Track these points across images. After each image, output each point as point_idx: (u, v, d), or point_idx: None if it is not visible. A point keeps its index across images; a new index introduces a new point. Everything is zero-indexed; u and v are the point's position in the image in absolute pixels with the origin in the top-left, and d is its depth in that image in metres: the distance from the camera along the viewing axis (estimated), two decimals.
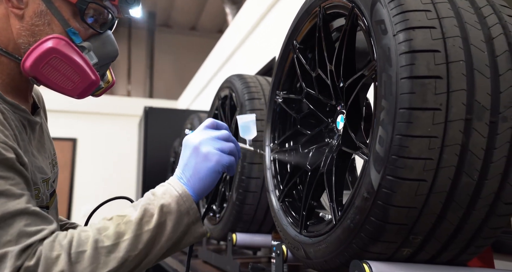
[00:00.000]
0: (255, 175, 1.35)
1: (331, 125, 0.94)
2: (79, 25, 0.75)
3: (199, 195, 0.69)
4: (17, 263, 0.55)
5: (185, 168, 0.69)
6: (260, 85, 1.48)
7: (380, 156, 0.63)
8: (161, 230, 0.64)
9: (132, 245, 0.62)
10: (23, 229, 0.58)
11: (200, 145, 0.69)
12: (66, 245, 0.59)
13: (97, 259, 0.59)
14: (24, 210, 0.59)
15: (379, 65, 0.65)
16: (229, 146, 0.71)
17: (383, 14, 0.64)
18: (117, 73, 9.60)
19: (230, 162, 0.71)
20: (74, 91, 0.74)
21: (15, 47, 0.73)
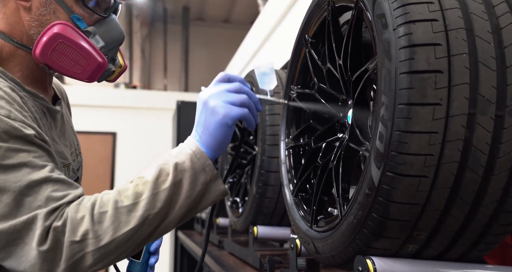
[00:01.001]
0: (274, 169, 1.36)
1: (343, 120, 0.94)
2: (83, 11, 0.76)
3: (214, 151, 0.68)
4: (46, 223, 0.60)
5: (197, 125, 0.69)
6: (280, 79, 1.48)
7: (380, 152, 0.62)
8: (178, 188, 0.65)
9: (151, 204, 0.64)
10: (50, 194, 0.62)
11: (208, 99, 0.68)
12: (89, 207, 0.63)
13: (118, 219, 0.62)
14: (48, 178, 0.63)
15: (379, 60, 0.64)
16: (239, 98, 0.69)
17: (384, 8, 0.63)
18: (154, 68, 9.88)
19: (242, 114, 0.68)
20: (83, 74, 0.76)
21: (28, 39, 0.76)
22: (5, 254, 0.61)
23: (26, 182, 0.61)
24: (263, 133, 1.38)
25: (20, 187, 0.60)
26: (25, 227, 0.60)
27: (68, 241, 0.61)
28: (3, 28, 0.76)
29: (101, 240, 0.62)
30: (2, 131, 0.62)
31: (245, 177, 1.69)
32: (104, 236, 0.62)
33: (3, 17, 0.77)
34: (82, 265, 0.62)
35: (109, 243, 0.62)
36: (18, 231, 0.60)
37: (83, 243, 0.61)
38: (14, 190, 0.60)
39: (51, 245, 0.60)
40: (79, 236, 0.61)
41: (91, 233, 0.61)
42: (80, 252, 0.61)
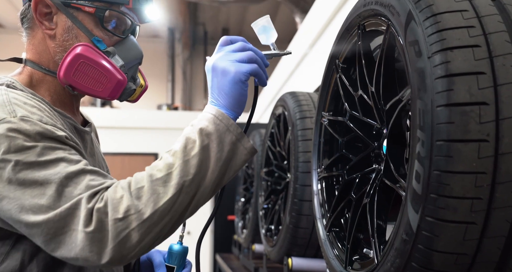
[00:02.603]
0: (307, 198, 1.29)
1: (378, 150, 0.87)
2: (103, 33, 0.80)
3: (233, 110, 0.69)
4: (89, 206, 0.62)
5: (212, 91, 0.70)
6: (313, 103, 1.43)
7: (417, 193, 0.55)
8: (207, 152, 0.66)
9: (184, 171, 0.65)
10: (89, 183, 0.65)
11: (216, 63, 0.70)
12: (126, 186, 0.65)
13: (155, 191, 0.64)
14: (85, 169, 0.66)
15: (413, 91, 0.57)
16: (246, 55, 0.70)
17: (418, 34, 0.57)
18: (195, 89, 10.15)
19: (252, 69, 0.69)
20: (104, 92, 0.79)
21: (54, 65, 0.81)
22: (56, 244, 0.63)
23: (65, 173, 0.64)
24: (296, 159, 1.33)
25: (60, 179, 0.63)
26: (70, 213, 0.62)
27: (112, 219, 0.62)
28: (32, 57, 0.82)
29: (143, 214, 0.63)
30: (36, 133, 0.65)
31: (280, 203, 1.64)
32: (146, 210, 0.63)
33: (32, 47, 0.82)
34: (129, 243, 0.63)
35: (152, 215, 0.63)
36: (64, 218, 0.62)
37: (127, 220, 0.62)
38: (55, 182, 0.63)
39: (96, 225, 0.62)
40: (122, 213, 0.62)
41: (133, 209, 0.63)
42: (126, 229, 0.62)
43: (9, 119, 0.65)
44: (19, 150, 0.63)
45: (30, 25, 0.82)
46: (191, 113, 7.61)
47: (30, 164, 0.63)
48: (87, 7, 0.78)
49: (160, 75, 9.23)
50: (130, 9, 0.83)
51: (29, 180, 0.63)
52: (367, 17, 0.78)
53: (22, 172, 0.63)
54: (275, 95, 4.46)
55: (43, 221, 0.62)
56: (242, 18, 9.32)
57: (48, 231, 0.62)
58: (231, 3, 6.61)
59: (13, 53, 0.89)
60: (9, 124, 0.64)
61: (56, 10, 0.79)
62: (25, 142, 0.64)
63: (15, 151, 0.63)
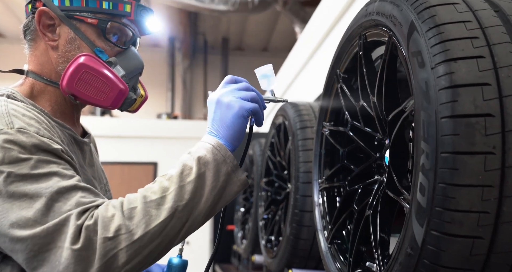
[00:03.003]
0: (309, 208, 1.28)
1: (380, 161, 0.86)
2: (105, 44, 0.82)
3: (232, 143, 0.71)
4: (78, 222, 0.61)
5: (213, 122, 0.72)
6: (314, 113, 1.42)
7: (422, 206, 0.54)
8: (203, 180, 0.67)
9: (178, 196, 0.65)
10: (79, 200, 0.64)
11: (221, 97, 0.72)
12: (118, 205, 0.64)
13: (148, 212, 0.63)
14: (77, 186, 0.65)
15: (417, 102, 0.57)
16: (250, 94, 0.73)
17: (420, 44, 0.57)
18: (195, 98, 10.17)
19: (254, 108, 0.72)
20: (106, 101, 0.80)
21: (56, 75, 0.82)
22: (38, 262, 0.60)
23: (57, 188, 0.63)
24: (297, 170, 1.32)
25: (51, 193, 0.62)
26: (58, 229, 0.61)
27: (101, 238, 0.61)
28: (34, 68, 0.83)
29: (134, 234, 0.62)
30: (32, 145, 0.65)
31: (280, 214, 1.62)
32: (137, 230, 0.62)
33: (34, 59, 0.83)
34: (116, 264, 0.61)
35: (142, 236, 0.62)
36: (50, 234, 0.60)
37: (117, 239, 0.61)
38: (46, 196, 0.62)
39: (84, 243, 0.60)
40: (112, 232, 0.61)
41: (124, 228, 0.61)
42: (114, 249, 0.61)
43: (6, 131, 0.65)
44: (13, 162, 0.63)
45: (33, 37, 0.83)
46: (190, 122, 7.60)
47: (22, 177, 0.63)
48: (90, 18, 0.80)
49: (160, 84, 9.25)
50: (132, 21, 0.85)
51: (19, 192, 0.62)
52: (369, 28, 0.78)
53: (14, 184, 0.62)
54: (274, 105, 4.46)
55: (29, 236, 0.60)
56: (242, 28, 9.39)
57: (32, 247, 0.60)
58: (231, 13, 6.66)
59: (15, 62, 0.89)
60: (5, 135, 0.65)
61: (59, 22, 0.80)
62: (20, 154, 0.64)
63: (9, 162, 0.63)
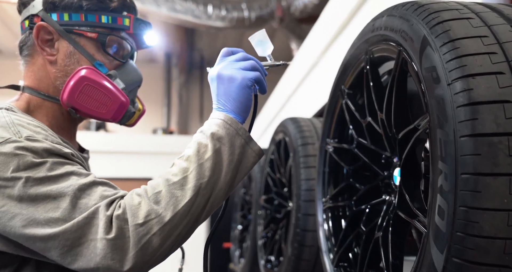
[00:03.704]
0: (311, 228, 1.24)
1: (388, 180, 0.83)
2: (104, 58, 0.82)
3: (241, 115, 0.71)
4: (108, 213, 0.62)
5: (218, 98, 0.71)
6: (315, 129, 1.40)
7: (441, 231, 0.51)
8: (219, 155, 0.67)
9: (199, 174, 0.65)
10: (102, 193, 0.64)
11: (221, 71, 0.71)
12: (143, 192, 0.64)
13: (174, 194, 0.63)
14: (95, 181, 0.66)
15: (432, 119, 0.54)
16: (249, 63, 0.72)
17: (434, 60, 0.54)
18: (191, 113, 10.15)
19: (256, 76, 0.71)
20: (108, 113, 0.80)
21: (54, 90, 0.81)
22: (73, 257, 0.61)
23: (78, 186, 0.63)
24: (298, 187, 1.28)
25: (73, 191, 0.63)
26: (88, 222, 0.61)
27: (133, 225, 0.61)
28: (31, 84, 0.82)
29: (164, 217, 0.62)
30: (44, 149, 0.66)
31: (280, 232, 1.57)
32: (166, 213, 0.62)
33: (31, 74, 0.83)
34: (151, 248, 0.62)
35: (172, 218, 0.63)
36: (81, 227, 0.61)
37: (148, 224, 0.62)
38: (69, 194, 0.63)
39: (117, 232, 0.61)
40: (142, 218, 0.62)
41: (153, 213, 0.62)
42: (147, 234, 0.61)
43: (15, 139, 0.65)
44: (29, 167, 0.63)
45: (30, 52, 0.82)
46: (186, 137, 7.54)
47: (41, 180, 0.63)
48: (89, 32, 0.80)
49: (156, 99, 9.23)
50: (130, 35, 0.85)
51: (41, 195, 0.62)
52: (376, 43, 0.76)
53: (34, 188, 0.62)
54: (271, 120, 4.45)
55: (60, 232, 0.61)
56: (239, 44, 9.46)
57: (64, 243, 0.61)
58: (228, 29, 6.71)
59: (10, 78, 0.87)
60: (15, 143, 0.65)
61: (58, 37, 0.80)
62: (34, 159, 0.64)
63: (25, 168, 0.63)
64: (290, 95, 3.72)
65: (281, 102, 4.03)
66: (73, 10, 0.80)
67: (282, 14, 6.43)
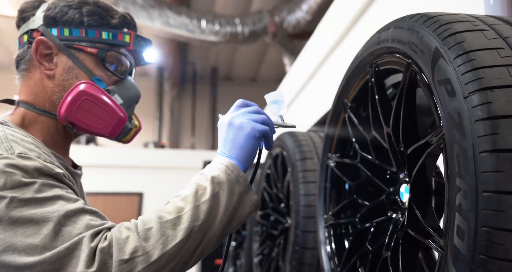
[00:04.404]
0: (310, 245, 1.20)
1: (394, 196, 0.80)
2: (103, 73, 0.82)
3: (244, 163, 0.71)
4: (92, 245, 0.58)
5: (225, 143, 0.72)
6: (313, 143, 1.37)
7: (461, 253, 0.47)
8: (217, 200, 0.66)
9: (194, 216, 0.63)
10: (88, 222, 0.61)
11: (233, 119, 0.73)
12: (133, 226, 0.62)
13: (165, 233, 0.61)
14: (84, 209, 0.63)
15: (448, 134, 0.52)
16: (261, 117, 0.74)
17: (449, 72, 0.52)
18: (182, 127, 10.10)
19: (265, 130, 0.73)
20: (106, 129, 0.79)
21: (51, 104, 0.81)
22: None
23: (64, 212, 0.60)
24: (297, 203, 1.25)
25: (58, 217, 0.60)
26: (69, 253, 0.58)
27: (117, 260, 0.58)
28: (26, 98, 0.81)
29: (151, 256, 0.59)
30: (34, 169, 0.64)
31: (277, 250, 1.52)
32: (153, 252, 0.60)
33: (27, 88, 0.81)
34: None
35: (159, 258, 0.60)
36: (61, 258, 0.57)
37: (133, 262, 0.58)
38: (53, 220, 0.59)
39: (99, 266, 0.57)
40: (128, 254, 0.59)
41: (140, 250, 0.59)
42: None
43: (6, 155, 0.63)
44: (16, 186, 0.61)
45: (27, 66, 0.82)
46: (178, 152, 7.47)
47: (26, 201, 0.60)
48: (90, 48, 0.80)
49: (147, 113, 9.18)
50: (130, 51, 0.86)
51: (23, 218, 0.59)
52: (381, 55, 0.75)
53: (17, 210, 0.59)
54: None
55: (37, 262, 0.56)
56: (231, 58, 9.52)
57: None
58: (221, 43, 6.75)
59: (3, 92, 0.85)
60: (6, 160, 0.62)
61: (57, 51, 0.80)
62: (23, 178, 0.61)
63: (12, 187, 0.60)
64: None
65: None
66: (74, 25, 0.80)
67: (275, 30, 6.50)
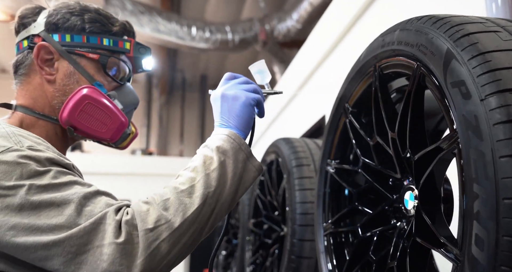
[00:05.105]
0: (307, 254, 1.16)
1: (398, 204, 0.77)
2: (103, 79, 0.84)
3: (243, 131, 0.74)
4: (117, 218, 0.60)
5: (221, 115, 0.74)
6: (309, 150, 1.35)
7: (480, 264, 0.45)
8: (224, 167, 0.68)
9: (206, 183, 0.66)
10: (108, 201, 0.63)
11: (225, 91, 0.75)
12: (151, 200, 0.64)
13: (182, 201, 0.64)
14: (100, 191, 0.65)
15: (463, 138, 0.49)
16: (252, 86, 0.77)
17: (462, 74, 0.50)
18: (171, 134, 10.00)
19: (258, 98, 0.76)
20: (107, 133, 0.81)
21: (50, 109, 0.81)
22: (76, 266, 0.59)
23: (83, 194, 0.62)
24: (293, 211, 1.21)
25: (78, 198, 0.62)
26: (95, 228, 0.60)
27: (142, 230, 0.61)
28: (25, 102, 0.81)
29: (174, 223, 0.62)
30: (47, 159, 0.65)
31: (271, 259, 1.49)
32: (175, 219, 0.63)
33: (25, 93, 0.82)
34: (159, 255, 0.61)
35: (181, 225, 0.63)
36: (88, 233, 0.59)
37: (157, 230, 0.61)
38: (74, 201, 0.61)
39: (127, 237, 0.60)
40: (152, 223, 0.61)
41: (163, 219, 0.62)
42: (156, 240, 0.61)
43: (16, 148, 0.64)
44: (33, 176, 0.62)
45: (26, 71, 0.82)
46: (166, 159, 7.37)
47: (44, 187, 0.62)
48: (91, 53, 0.82)
49: (135, 119, 8.98)
50: (129, 58, 0.88)
51: (44, 202, 0.61)
52: (386, 58, 0.73)
53: (37, 195, 0.61)
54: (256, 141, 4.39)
55: (65, 238, 0.59)
56: (221, 66, 9.51)
57: (69, 249, 0.58)
58: (211, 51, 6.73)
59: None
60: (18, 152, 0.63)
61: (58, 57, 0.81)
62: (37, 168, 0.63)
63: (28, 177, 0.62)
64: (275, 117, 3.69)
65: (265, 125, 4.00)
66: (76, 31, 0.82)
67: (265, 38, 6.52)
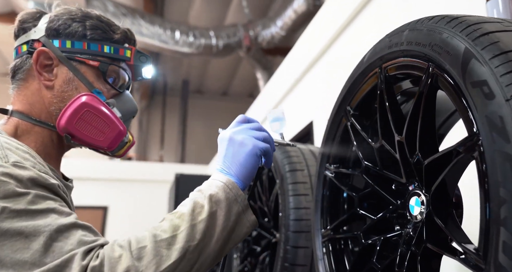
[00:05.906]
0: (301, 262, 1.13)
1: (402, 210, 0.75)
2: (103, 86, 0.82)
3: (243, 181, 0.69)
4: (83, 263, 0.56)
5: (224, 159, 0.71)
6: (303, 155, 1.32)
7: None
8: (214, 219, 0.64)
9: (190, 235, 0.62)
10: (81, 238, 0.59)
11: (234, 135, 0.72)
12: (126, 245, 0.60)
13: (159, 252, 0.59)
14: (76, 224, 0.61)
15: (486, 141, 0.47)
16: (262, 134, 0.73)
17: (484, 73, 0.49)
18: (151, 139, 9.83)
19: (266, 148, 0.72)
20: (105, 141, 0.79)
21: (47, 115, 0.80)
22: None
23: (56, 226, 0.59)
24: (286, 217, 1.18)
25: (50, 232, 0.58)
26: (60, 271, 0.55)
27: None
28: (21, 108, 0.80)
29: None
30: (29, 179, 0.62)
31: (260, 267, 1.44)
32: None
33: (22, 98, 0.80)
34: None
35: None
36: None
37: None
38: (44, 235, 0.57)
39: None
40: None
41: (133, 270, 0.57)
42: None
43: (1, 164, 0.62)
44: (9, 196, 0.58)
45: (24, 76, 0.81)
46: (146, 164, 7.22)
47: (17, 212, 0.57)
48: (91, 60, 0.81)
49: None
50: (129, 66, 0.87)
51: (13, 230, 0.56)
52: (393, 59, 0.71)
53: (7, 221, 0.56)
54: None
55: None
56: (203, 71, 9.46)
57: None
58: (194, 55, 6.68)
59: None
60: (1, 169, 0.61)
61: (57, 63, 0.80)
62: (17, 188, 0.59)
63: (4, 196, 0.58)
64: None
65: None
66: (77, 38, 0.80)
67: (249, 44, 6.53)
